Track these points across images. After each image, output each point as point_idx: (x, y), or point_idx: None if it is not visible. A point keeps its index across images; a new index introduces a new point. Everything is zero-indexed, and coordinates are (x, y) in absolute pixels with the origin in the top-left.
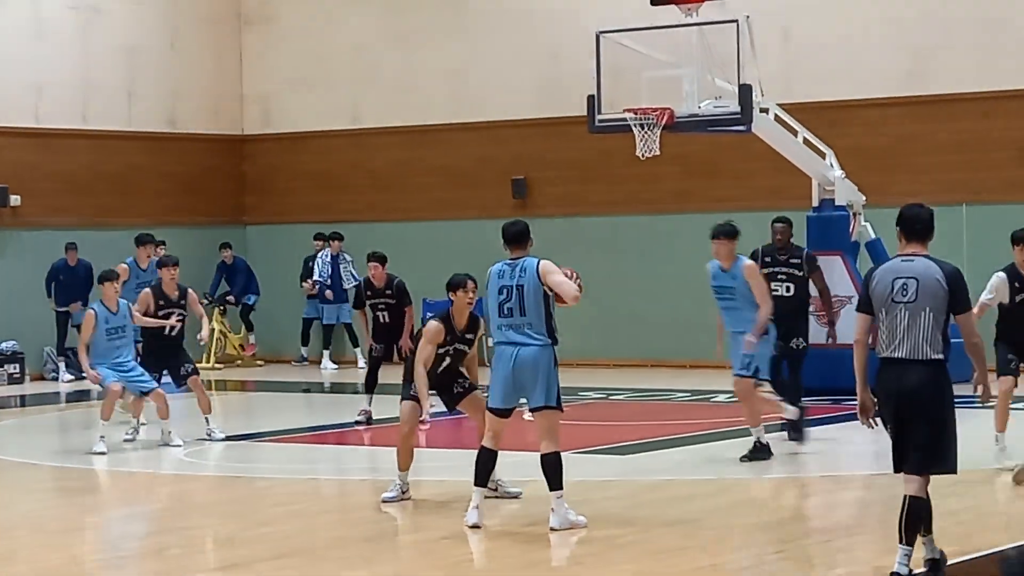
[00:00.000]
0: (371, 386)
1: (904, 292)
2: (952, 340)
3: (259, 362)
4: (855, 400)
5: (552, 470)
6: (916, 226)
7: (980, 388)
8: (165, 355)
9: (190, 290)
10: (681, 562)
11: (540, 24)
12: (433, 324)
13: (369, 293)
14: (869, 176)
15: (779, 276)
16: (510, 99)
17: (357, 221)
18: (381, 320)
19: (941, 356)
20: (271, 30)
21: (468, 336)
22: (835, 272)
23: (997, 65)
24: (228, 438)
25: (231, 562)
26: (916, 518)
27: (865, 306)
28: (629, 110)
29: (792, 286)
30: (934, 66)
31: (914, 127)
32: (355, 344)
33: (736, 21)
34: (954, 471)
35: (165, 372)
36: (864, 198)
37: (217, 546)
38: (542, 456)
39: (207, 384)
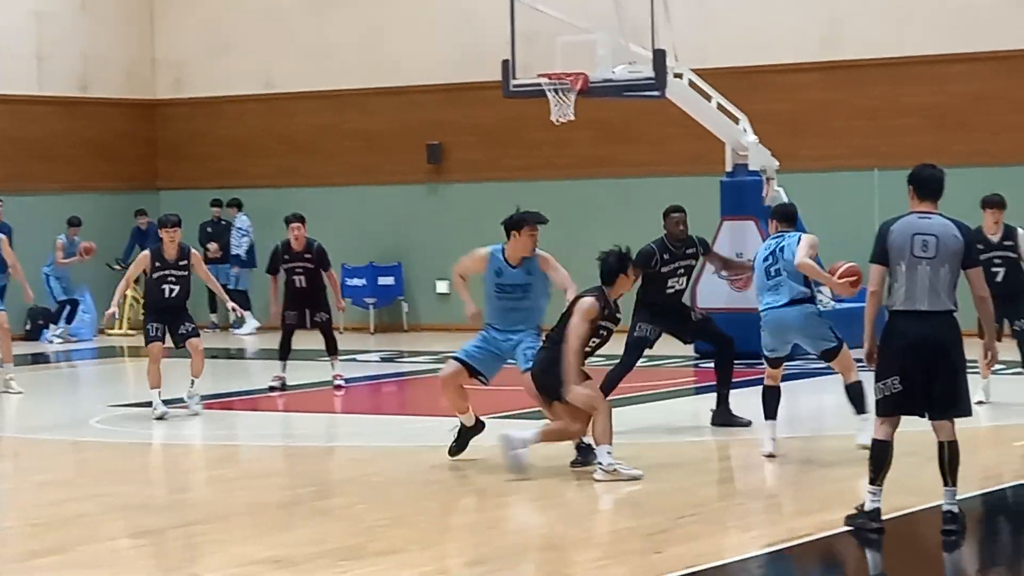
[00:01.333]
0: (285, 352)
1: (925, 248)
2: None
3: None
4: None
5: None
6: (932, 185)
7: (989, 354)
8: (166, 315)
9: (192, 251)
10: (598, 524)
11: None
12: (589, 300)
13: (287, 257)
14: (782, 142)
15: (679, 271)
16: (425, 64)
17: (272, 187)
18: (297, 284)
19: (955, 308)
20: None
21: (618, 314)
22: (748, 237)
23: (908, 32)
24: (142, 404)
25: (144, 528)
26: (956, 459)
27: (881, 257)
28: (543, 75)
29: (686, 280)
30: (846, 32)
31: (827, 93)
32: (213, 310)
33: None
34: (971, 414)
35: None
36: (777, 163)
37: (129, 512)
38: (847, 385)
39: (119, 351)
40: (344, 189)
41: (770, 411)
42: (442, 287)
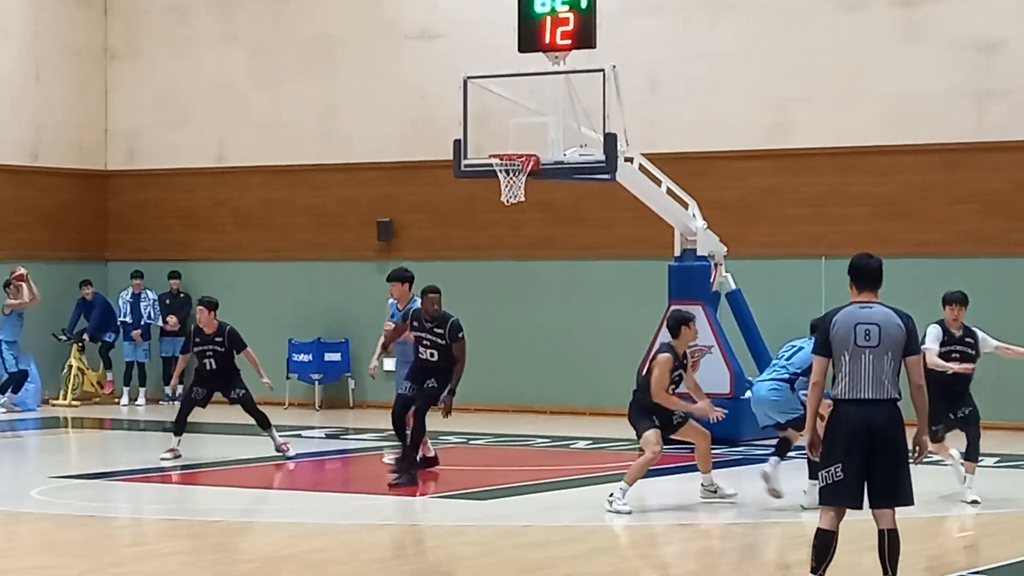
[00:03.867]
0: (181, 426)
1: (868, 337)
2: None
3: (116, 400)
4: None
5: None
6: (870, 275)
7: (918, 447)
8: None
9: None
10: None
11: (408, 67)
12: (664, 355)
13: (197, 339)
14: (730, 227)
15: (424, 341)
16: (377, 141)
17: (222, 259)
18: (208, 367)
19: (899, 396)
20: (137, 65)
21: (685, 361)
22: (696, 322)
23: (856, 121)
24: (84, 476)
25: None
26: (897, 548)
27: (824, 349)
28: (495, 156)
29: (436, 352)
30: (795, 120)
31: (775, 180)
32: (126, 383)
33: (603, 71)
34: (913, 503)
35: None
36: (725, 249)
37: None
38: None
39: (63, 422)
40: (294, 264)
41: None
42: (389, 364)
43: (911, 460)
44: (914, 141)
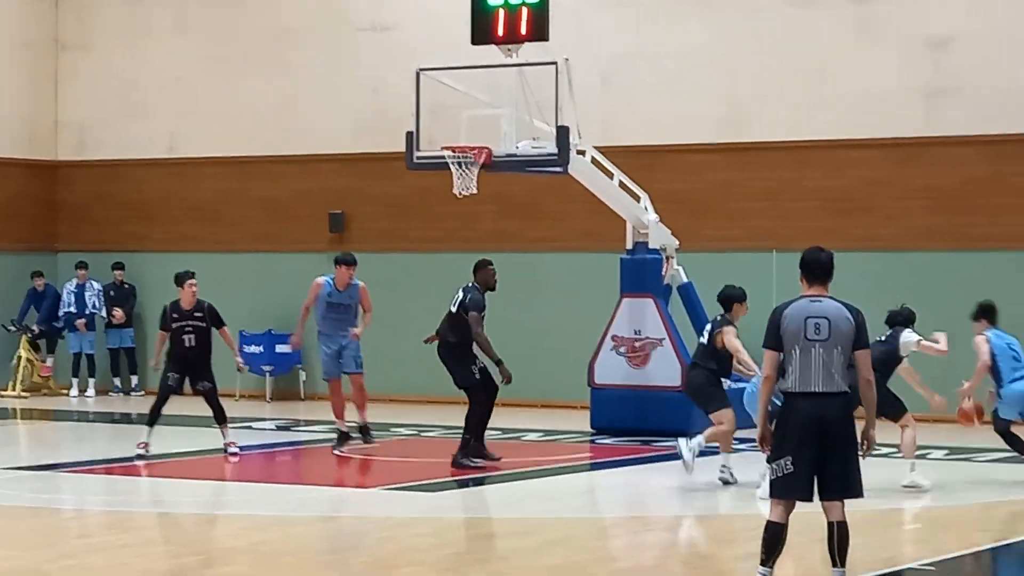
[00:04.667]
0: (155, 418)
1: (818, 331)
2: None
3: (64, 390)
4: (662, 440)
5: None
6: (821, 269)
7: (866, 441)
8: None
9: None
10: None
11: (361, 59)
12: (730, 327)
13: (175, 315)
14: (682, 221)
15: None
16: (329, 133)
17: (174, 251)
18: (186, 344)
19: (849, 390)
20: (88, 56)
21: None
22: (647, 314)
23: (810, 116)
24: (34, 468)
25: None
26: (846, 541)
27: (775, 343)
28: (447, 148)
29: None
30: (749, 115)
31: (727, 174)
32: (75, 374)
33: (555, 63)
34: (863, 495)
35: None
36: (677, 242)
37: None
38: None
39: (11, 413)
40: (245, 256)
41: None
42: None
43: (860, 453)
44: (866, 136)
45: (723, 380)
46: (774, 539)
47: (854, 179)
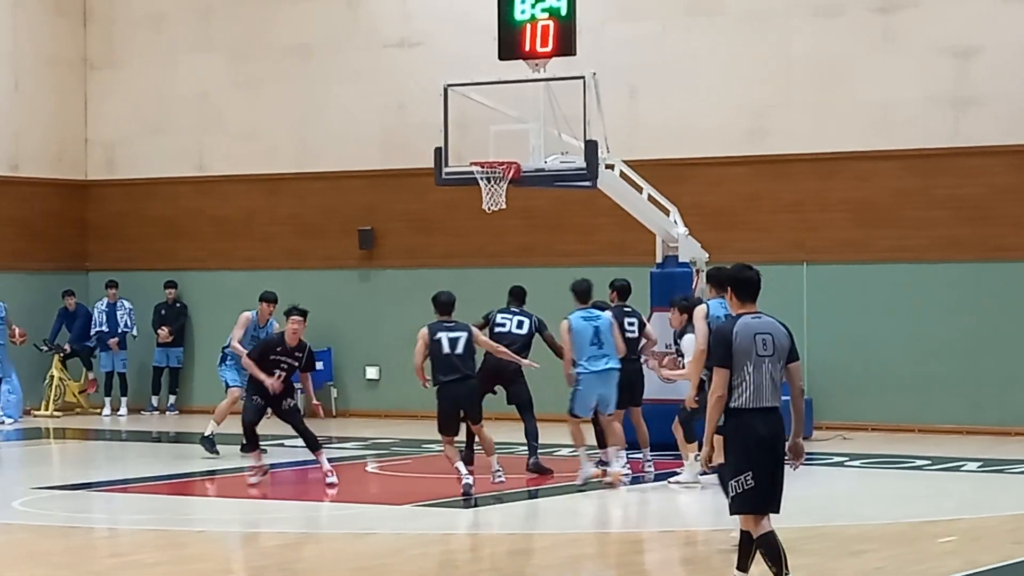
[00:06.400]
0: (254, 439)
1: (765, 347)
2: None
3: (97, 410)
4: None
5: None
6: (753, 287)
7: (798, 453)
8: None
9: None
10: None
11: (387, 75)
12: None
13: (279, 349)
14: (711, 233)
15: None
16: (357, 149)
17: (202, 269)
18: (275, 375)
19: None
20: (116, 75)
21: None
22: None
23: (834, 127)
24: (66, 487)
25: None
26: (781, 547)
27: (726, 362)
28: (476, 163)
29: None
30: (773, 126)
31: (754, 186)
32: (107, 393)
33: (583, 78)
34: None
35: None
36: (707, 255)
37: None
38: None
39: (44, 432)
40: (275, 273)
41: None
42: (372, 373)
43: (791, 465)
44: (891, 147)
45: None
46: (773, 549)
47: (880, 190)
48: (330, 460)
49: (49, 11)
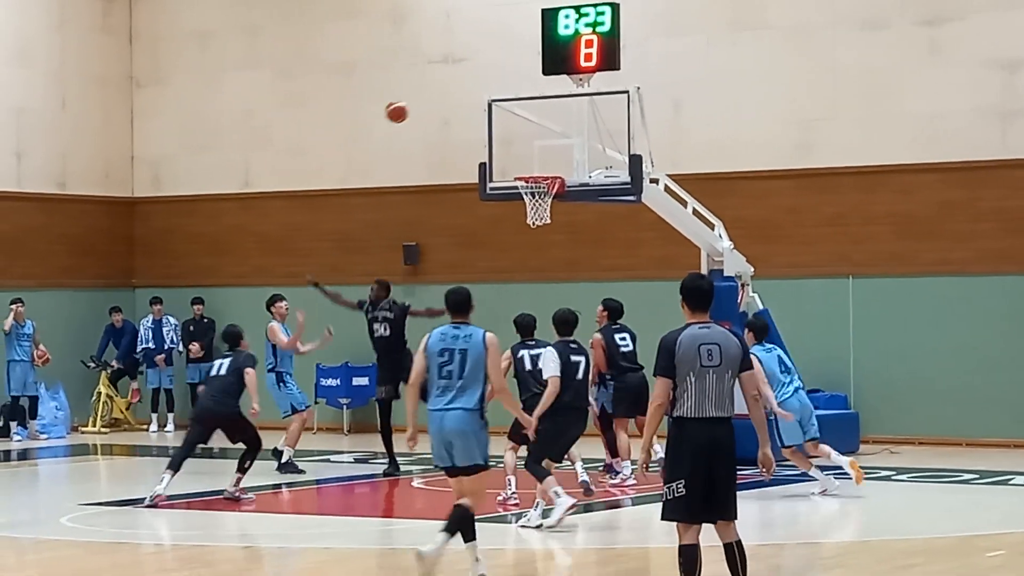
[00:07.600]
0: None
1: (711, 357)
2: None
3: (144, 426)
4: (741, 468)
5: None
6: (704, 297)
7: (767, 463)
8: None
9: None
10: None
11: (431, 91)
12: None
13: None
14: (754, 247)
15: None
16: (401, 165)
17: (246, 285)
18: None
19: (733, 413)
20: (162, 92)
21: None
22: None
23: (878, 140)
24: (113, 503)
25: None
26: (745, 558)
27: (668, 371)
28: (520, 178)
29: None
30: (818, 140)
31: (799, 199)
32: (154, 409)
33: (627, 92)
34: (737, 517)
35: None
36: (752, 269)
37: None
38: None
39: (92, 448)
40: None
41: None
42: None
43: (764, 477)
44: (936, 159)
45: None
46: (689, 562)
47: (924, 202)
48: (376, 476)
49: (95, 30)
